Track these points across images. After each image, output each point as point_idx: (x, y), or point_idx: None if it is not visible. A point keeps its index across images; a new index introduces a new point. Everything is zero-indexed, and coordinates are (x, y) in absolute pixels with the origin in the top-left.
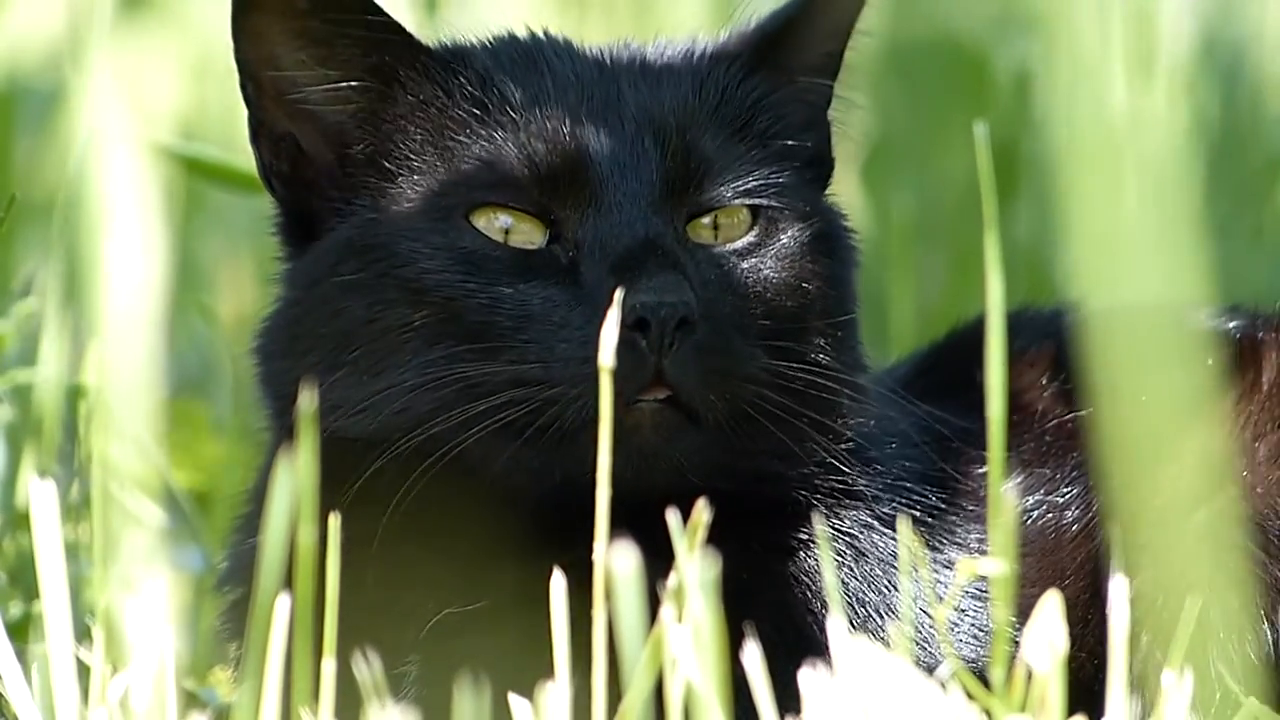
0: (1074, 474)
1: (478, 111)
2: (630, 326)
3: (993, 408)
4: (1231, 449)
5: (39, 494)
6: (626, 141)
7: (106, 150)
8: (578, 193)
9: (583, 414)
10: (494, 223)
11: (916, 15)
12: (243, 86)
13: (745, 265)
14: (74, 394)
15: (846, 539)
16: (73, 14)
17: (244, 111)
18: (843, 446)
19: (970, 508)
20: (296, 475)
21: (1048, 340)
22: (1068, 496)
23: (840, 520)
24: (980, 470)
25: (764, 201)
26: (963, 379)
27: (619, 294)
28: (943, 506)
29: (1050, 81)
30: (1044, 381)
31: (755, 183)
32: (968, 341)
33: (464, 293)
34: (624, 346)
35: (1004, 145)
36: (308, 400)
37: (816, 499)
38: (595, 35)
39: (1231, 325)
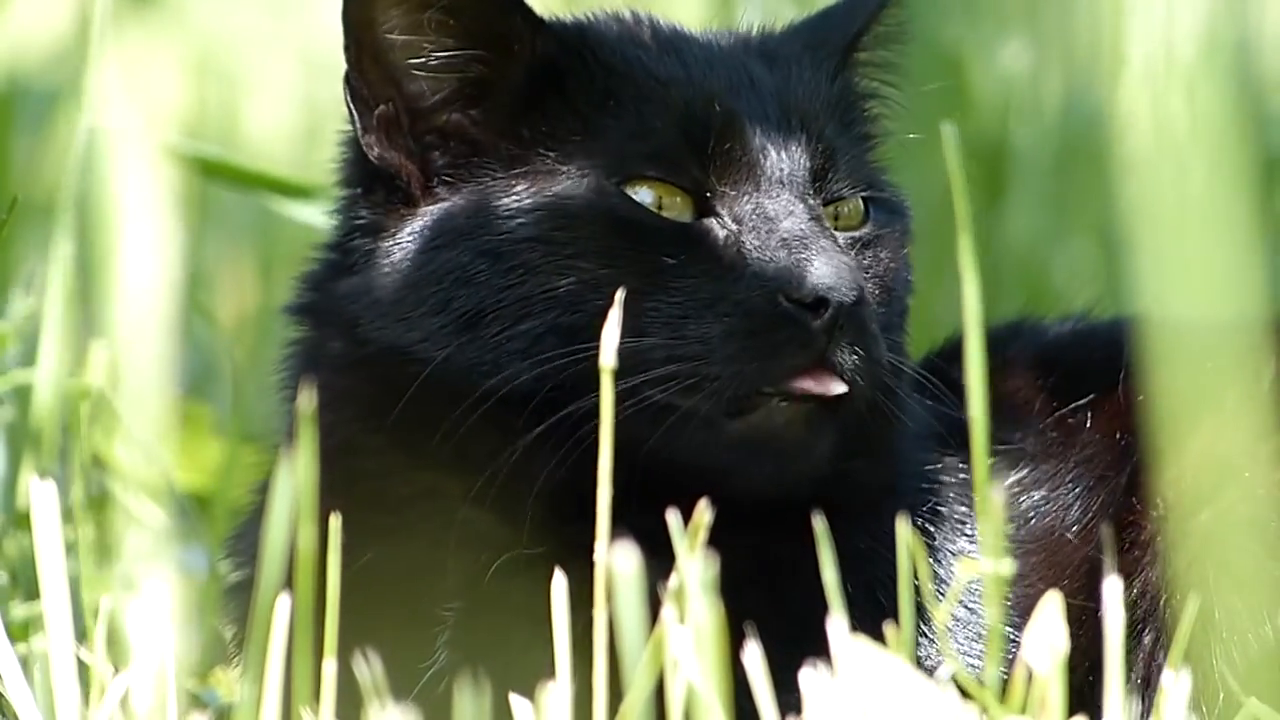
0: (1076, 470)
1: (620, 85)
2: (807, 306)
3: (974, 407)
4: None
5: (39, 494)
6: (774, 122)
7: (117, 150)
8: (735, 169)
9: (741, 391)
10: (647, 195)
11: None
12: (346, 49)
13: (869, 255)
14: (76, 395)
15: (887, 535)
16: (76, 13)
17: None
18: (897, 442)
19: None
20: (296, 476)
21: (1048, 343)
22: (1071, 493)
23: (880, 516)
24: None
25: (876, 194)
26: (961, 385)
27: (795, 271)
28: (958, 501)
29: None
30: (1042, 378)
31: (867, 174)
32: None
33: (620, 261)
34: (789, 323)
35: (992, 145)
36: (306, 400)
37: (873, 496)
38: None
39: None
